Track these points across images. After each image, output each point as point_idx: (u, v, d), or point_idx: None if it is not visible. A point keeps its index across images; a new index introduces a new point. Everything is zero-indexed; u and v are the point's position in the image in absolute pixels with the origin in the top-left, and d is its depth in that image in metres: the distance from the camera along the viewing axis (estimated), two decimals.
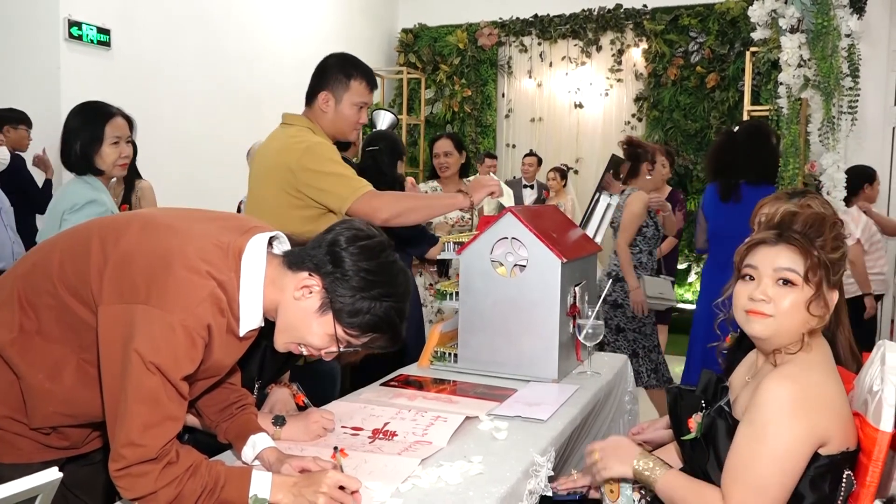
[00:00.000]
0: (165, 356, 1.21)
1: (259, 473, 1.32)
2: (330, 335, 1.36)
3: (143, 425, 1.21)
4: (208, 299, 1.25)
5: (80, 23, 4.93)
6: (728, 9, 6.98)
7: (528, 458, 1.58)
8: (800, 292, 1.34)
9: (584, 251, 2.34)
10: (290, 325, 1.37)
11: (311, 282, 1.34)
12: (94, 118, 2.49)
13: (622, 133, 7.72)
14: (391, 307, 1.36)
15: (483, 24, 8.09)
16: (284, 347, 1.42)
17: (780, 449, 1.28)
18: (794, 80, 3.51)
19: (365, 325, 1.35)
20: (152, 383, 1.21)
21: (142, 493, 1.23)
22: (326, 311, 1.34)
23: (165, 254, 1.27)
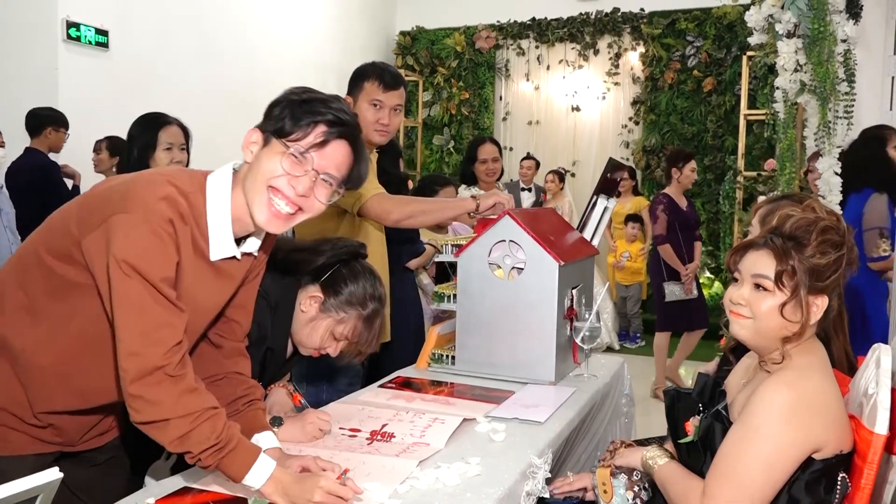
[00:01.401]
0: (137, 254, 1.22)
1: (266, 459, 1.31)
2: (280, 153, 1.34)
3: (137, 333, 1.22)
4: (166, 199, 1.27)
5: (79, 24, 4.93)
6: (725, 13, 7.00)
7: (526, 459, 1.58)
8: (773, 297, 1.36)
9: (581, 254, 2.35)
10: (253, 181, 1.35)
11: (253, 135, 1.37)
12: (149, 126, 2.66)
13: (619, 136, 7.75)
14: (306, 100, 1.38)
15: (481, 27, 8.11)
16: (265, 211, 1.34)
17: (768, 451, 1.28)
18: (791, 84, 3.54)
19: (293, 120, 1.35)
20: (134, 288, 1.23)
21: (153, 417, 1.23)
22: (269, 139, 1.35)
23: (129, 178, 1.34)
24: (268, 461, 1.31)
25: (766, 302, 1.37)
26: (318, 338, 1.71)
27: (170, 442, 1.25)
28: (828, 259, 1.36)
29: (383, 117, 2.33)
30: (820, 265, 1.36)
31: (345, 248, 1.78)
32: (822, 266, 1.36)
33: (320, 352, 1.74)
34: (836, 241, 1.38)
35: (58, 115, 4.61)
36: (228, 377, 1.53)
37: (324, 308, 1.70)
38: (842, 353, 1.53)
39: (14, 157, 4.58)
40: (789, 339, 1.36)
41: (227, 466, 1.28)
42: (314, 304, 1.70)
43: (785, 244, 1.37)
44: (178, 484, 1.42)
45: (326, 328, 1.70)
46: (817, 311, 1.37)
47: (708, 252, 7.36)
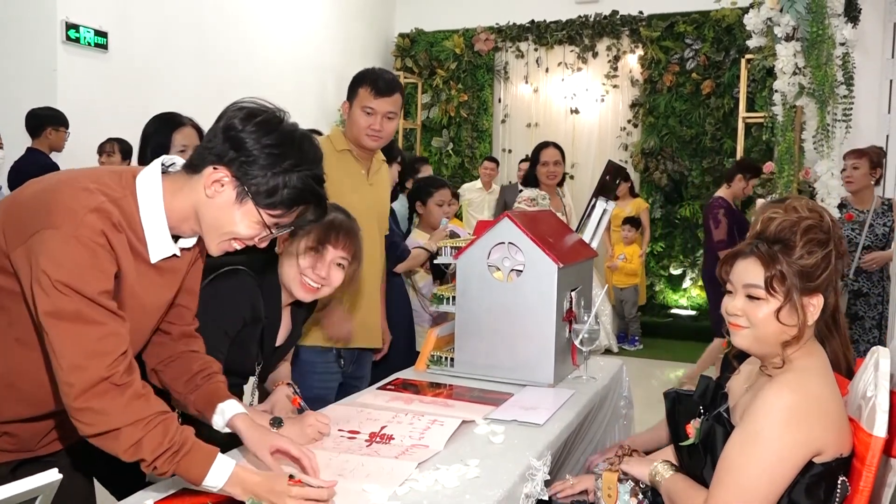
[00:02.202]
0: (69, 272, 1.17)
1: (224, 459, 1.28)
2: (257, 222, 1.30)
3: (79, 348, 1.18)
4: (96, 210, 1.22)
5: (78, 25, 4.93)
6: (723, 16, 7.01)
7: (525, 462, 1.58)
8: (766, 304, 1.36)
9: (580, 256, 2.35)
10: (215, 224, 1.31)
11: (219, 174, 1.27)
12: (163, 126, 2.63)
13: (617, 139, 7.76)
14: (307, 175, 1.29)
15: (480, 30, 8.12)
16: (219, 249, 1.35)
17: (770, 456, 1.28)
18: (789, 87, 3.54)
19: (287, 200, 1.29)
20: (71, 305, 1.18)
21: (104, 428, 1.19)
22: (245, 198, 1.27)
23: (54, 185, 1.26)
24: (226, 462, 1.28)
25: (760, 310, 1.37)
26: (294, 263, 1.74)
27: (124, 451, 1.21)
28: (815, 258, 1.36)
29: (374, 123, 2.37)
30: (809, 265, 1.35)
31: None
32: (811, 266, 1.35)
33: (307, 279, 1.74)
34: (822, 238, 1.37)
35: (57, 115, 4.62)
36: (182, 356, 1.50)
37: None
38: (839, 353, 1.53)
39: (14, 158, 4.58)
40: (789, 343, 1.36)
41: (184, 470, 1.25)
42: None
43: (771, 249, 1.37)
44: (178, 485, 1.42)
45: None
46: (814, 311, 1.37)
47: None
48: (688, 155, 7.34)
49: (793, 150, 3.61)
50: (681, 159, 7.34)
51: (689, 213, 7.33)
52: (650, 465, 1.53)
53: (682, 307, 7.48)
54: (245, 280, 1.67)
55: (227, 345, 1.64)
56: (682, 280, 7.54)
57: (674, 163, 7.35)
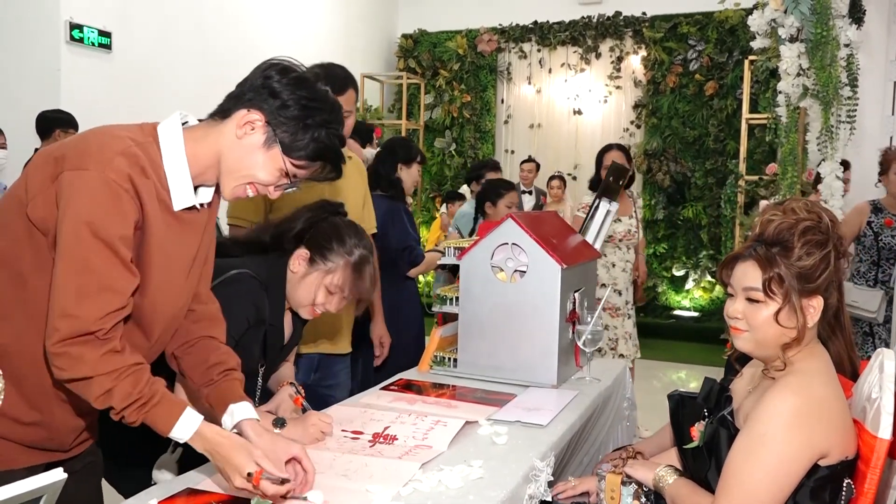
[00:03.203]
0: (93, 212, 1.20)
1: (192, 414, 1.29)
2: (279, 169, 1.34)
3: (77, 294, 1.20)
4: (124, 154, 1.24)
5: (81, 25, 4.94)
6: (727, 17, 7.01)
7: (528, 462, 1.58)
8: (766, 307, 1.36)
9: (583, 257, 2.35)
10: (236, 165, 1.34)
11: (253, 116, 1.32)
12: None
13: (620, 140, 7.75)
14: (332, 133, 1.36)
15: (483, 31, 8.12)
16: (233, 193, 1.38)
17: (775, 460, 1.28)
18: (793, 88, 3.53)
19: (312, 153, 1.34)
20: (84, 246, 1.20)
21: (77, 375, 1.21)
22: (273, 144, 1.32)
23: (83, 134, 1.31)
24: (194, 416, 1.29)
25: (760, 313, 1.37)
26: (309, 292, 1.72)
27: (95, 399, 1.24)
28: (814, 259, 1.35)
29: None
30: (807, 267, 1.35)
31: (322, 208, 1.81)
32: (809, 267, 1.35)
33: (317, 308, 1.75)
34: (820, 239, 1.36)
35: (66, 117, 4.62)
36: (201, 342, 1.50)
37: (312, 264, 1.72)
38: (843, 354, 1.52)
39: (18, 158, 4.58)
40: (789, 346, 1.36)
41: (153, 421, 1.27)
42: (302, 263, 1.73)
43: (769, 251, 1.36)
44: (181, 485, 1.42)
45: (317, 281, 1.72)
46: (814, 312, 1.37)
47: (709, 256, 7.36)
48: (691, 156, 7.33)
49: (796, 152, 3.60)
50: (684, 160, 7.34)
51: (691, 215, 7.32)
52: (654, 469, 1.53)
53: (684, 308, 7.47)
54: (250, 284, 1.66)
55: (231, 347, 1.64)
56: (685, 281, 7.53)
57: (676, 164, 7.35)
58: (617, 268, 3.92)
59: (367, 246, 1.76)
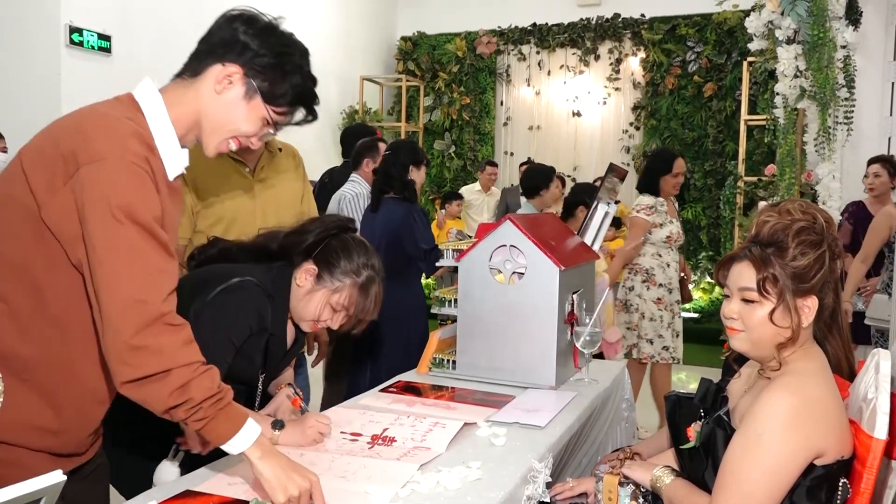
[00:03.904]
0: (126, 198, 1.17)
1: (253, 424, 1.28)
2: (262, 118, 1.36)
3: (137, 279, 1.16)
4: (134, 134, 1.23)
5: (81, 29, 4.95)
6: (725, 19, 7.02)
7: (527, 464, 1.59)
8: (761, 307, 1.37)
9: (582, 259, 2.35)
10: (220, 121, 1.35)
11: (231, 70, 1.32)
12: None
13: (619, 141, 7.77)
14: (307, 76, 1.39)
15: (482, 33, 8.13)
16: (217, 149, 1.39)
17: (772, 460, 1.28)
18: (791, 90, 3.55)
19: (291, 99, 1.37)
20: (128, 234, 1.17)
21: (155, 369, 1.16)
22: (253, 95, 1.34)
23: (72, 122, 1.26)
24: (252, 428, 1.27)
25: (755, 313, 1.38)
26: (314, 309, 1.71)
27: (169, 393, 1.18)
28: (808, 259, 1.36)
29: None
30: (801, 267, 1.36)
31: (333, 223, 1.80)
32: (803, 267, 1.36)
33: (319, 324, 1.75)
34: (814, 239, 1.37)
35: None
36: None
37: (318, 280, 1.71)
38: (840, 354, 1.53)
39: None
40: (784, 346, 1.37)
41: (219, 422, 1.23)
42: (309, 278, 1.72)
43: (763, 252, 1.38)
44: (181, 487, 1.43)
45: (322, 299, 1.71)
46: (809, 312, 1.38)
47: (709, 257, 7.37)
48: (690, 157, 7.34)
49: (794, 153, 3.62)
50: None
51: (690, 216, 7.33)
52: (651, 470, 1.53)
53: (683, 309, 7.47)
54: (255, 291, 1.66)
55: (232, 353, 1.65)
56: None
57: None
58: (671, 268, 3.95)
59: (375, 266, 1.75)
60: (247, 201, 2.22)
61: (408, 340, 3.08)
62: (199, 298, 1.65)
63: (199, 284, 1.69)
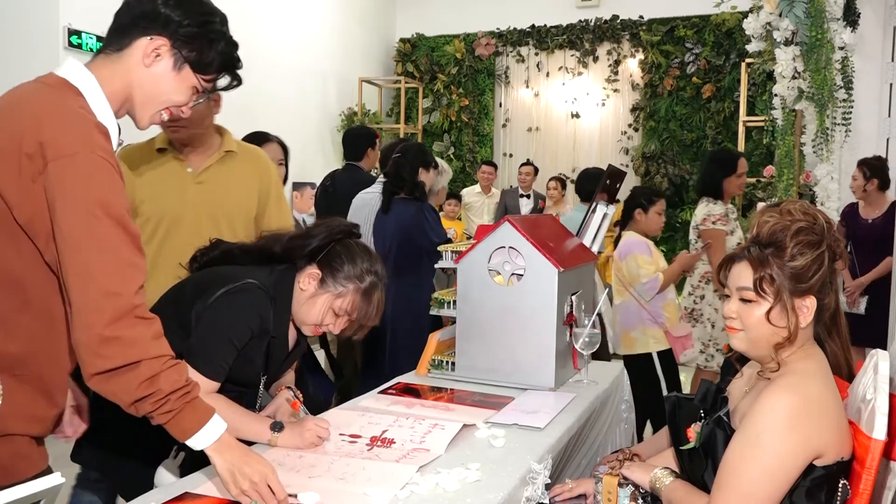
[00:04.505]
0: (99, 192, 1.20)
1: (217, 421, 1.30)
2: (192, 87, 1.40)
3: (112, 272, 1.19)
4: (96, 126, 1.26)
5: (80, 31, 4.95)
6: (724, 20, 7.03)
7: (526, 465, 1.59)
8: (758, 306, 1.38)
9: (580, 260, 2.36)
10: (152, 94, 1.37)
11: (157, 43, 1.34)
12: (251, 141, 2.78)
13: (618, 143, 7.77)
14: (230, 42, 1.44)
15: (480, 34, 8.14)
16: (150, 121, 1.41)
17: (771, 459, 1.28)
18: (789, 91, 3.56)
19: (218, 66, 1.41)
20: (101, 228, 1.19)
21: (126, 360, 1.18)
22: (182, 65, 1.37)
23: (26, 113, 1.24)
24: (217, 424, 1.29)
25: (752, 312, 1.39)
26: (317, 313, 1.72)
27: (138, 384, 1.19)
28: (806, 260, 1.37)
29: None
30: (799, 267, 1.36)
31: (339, 228, 1.80)
32: (801, 267, 1.36)
33: (321, 328, 1.75)
34: (813, 240, 1.38)
35: None
36: None
37: (322, 284, 1.72)
38: (839, 355, 1.53)
39: None
40: (782, 346, 1.38)
41: (185, 416, 1.25)
42: (312, 282, 1.72)
43: (762, 252, 1.39)
44: (180, 489, 1.43)
45: (325, 303, 1.71)
46: (807, 313, 1.38)
47: None
48: (689, 159, 7.35)
49: (792, 154, 3.62)
50: (682, 163, 7.35)
51: (689, 217, 7.33)
52: (651, 471, 1.53)
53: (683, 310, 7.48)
54: (257, 294, 1.66)
55: (233, 356, 1.65)
56: (683, 283, 7.53)
57: (675, 167, 7.36)
58: None
59: (378, 272, 1.76)
60: (175, 204, 2.13)
61: (420, 338, 3.09)
62: (201, 301, 1.65)
63: (201, 286, 1.69)
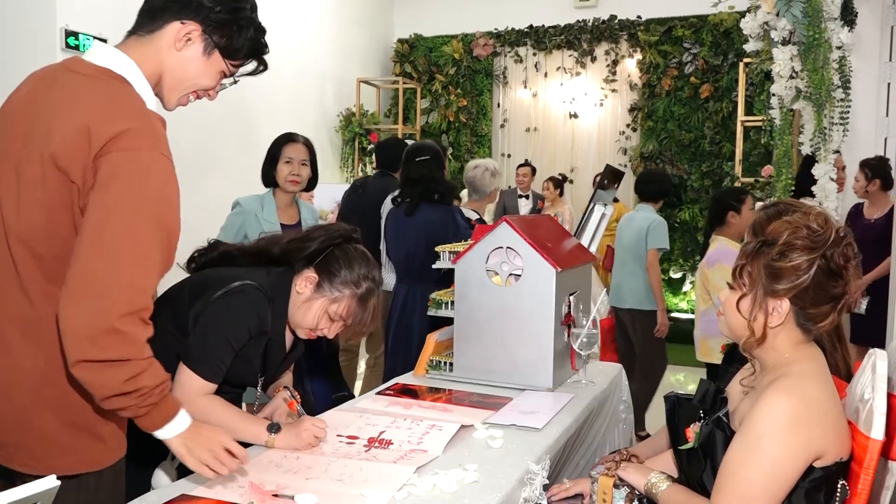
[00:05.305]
0: (158, 195, 1.25)
1: (184, 415, 1.33)
2: (220, 72, 1.43)
3: (143, 268, 1.23)
4: (160, 120, 1.33)
5: (77, 33, 4.94)
6: (721, 20, 7.03)
7: (524, 466, 1.58)
8: (735, 294, 1.43)
9: (578, 261, 2.35)
10: (182, 77, 1.41)
11: (189, 28, 1.37)
12: (278, 141, 2.98)
13: (616, 143, 7.77)
14: (259, 28, 1.46)
15: (478, 35, 8.14)
16: (177, 103, 1.45)
17: (772, 462, 1.28)
18: (787, 91, 3.55)
19: (247, 52, 1.44)
20: (149, 228, 1.24)
21: (120, 356, 1.20)
22: (212, 50, 1.40)
23: (112, 98, 1.30)
24: (182, 419, 1.33)
25: (730, 298, 1.43)
26: (312, 317, 1.72)
27: (124, 380, 1.21)
28: (788, 262, 1.34)
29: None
30: (778, 267, 1.35)
31: (337, 232, 1.80)
32: (780, 268, 1.35)
33: (315, 332, 1.75)
34: (806, 245, 1.34)
35: None
36: None
37: (318, 289, 1.72)
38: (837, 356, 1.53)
39: None
40: (751, 344, 1.38)
41: (160, 408, 1.28)
42: (309, 286, 1.72)
43: (756, 246, 1.40)
44: (176, 491, 1.42)
45: (321, 308, 1.71)
46: (777, 315, 1.36)
47: None
48: (687, 159, 7.35)
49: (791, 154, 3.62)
50: (680, 163, 7.35)
51: (688, 217, 7.33)
52: (647, 475, 1.52)
53: (681, 311, 7.47)
54: (255, 295, 1.66)
55: (231, 357, 1.65)
56: (682, 284, 7.53)
57: (673, 167, 7.36)
58: None
59: (375, 278, 1.76)
60: None
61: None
62: (200, 302, 1.65)
63: (200, 288, 1.69)
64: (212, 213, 3.69)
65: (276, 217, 2.94)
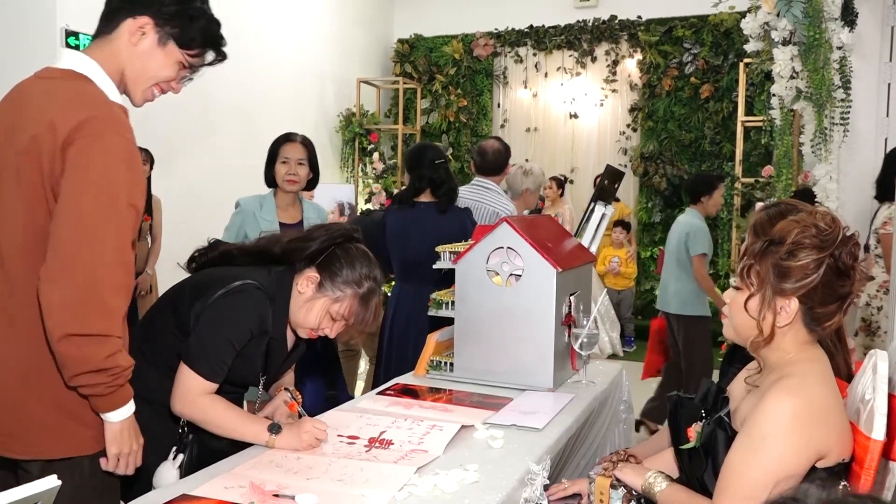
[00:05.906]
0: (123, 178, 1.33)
1: (132, 403, 1.41)
2: (178, 62, 1.49)
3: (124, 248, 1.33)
4: (120, 107, 1.41)
5: (77, 32, 4.94)
6: (722, 20, 7.03)
7: (524, 466, 1.58)
8: (742, 294, 1.41)
9: (579, 261, 2.35)
10: (141, 71, 1.46)
11: (142, 21, 1.44)
12: (277, 141, 2.99)
13: (617, 143, 7.78)
14: (211, 18, 1.50)
15: (478, 35, 8.14)
16: (143, 97, 1.51)
17: (774, 462, 1.28)
18: (787, 91, 3.56)
19: (201, 41, 1.49)
20: (117, 206, 1.32)
21: (100, 331, 1.28)
22: (166, 41, 1.46)
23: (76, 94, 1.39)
24: (130, 408, 1.42)
25: (737, 299, 1.41)
26: (314, 317, 1.72)
27: (104, 356, 1.29)
28: (797, 261, 1.34)
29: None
30: (787, 265, 1.35)
31: (339, 232, 1.80)
32: (789, 267, 1.34)
33: (317, 332, 1.75)
34: (815, 244, 1.34)
35: None
36: None
37: (320, 288, 1.72)
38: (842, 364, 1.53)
39: None
40: (758, 344, 1.38)
41: (121, 393, 1.36)
42: (311, 285, 1.72)
43: (764, 245, 1.39)
44: (178, 491, 1.42)
45: (322, 307, 1.71)
46: (786, 314, 1.36)
47: None
48: (687, 159, 7.35)
49: (791, 154, 3.62)
50: (680, 163, 7.35)
51: None
52: (644, 475, 1.52)
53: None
54: (256, 295, 1.66)
55: (232, 356, 1.64)
56: None
57: (673, 167, 7.36)
58: None
59: (376, 278, 1.76)
60: None
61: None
62: (200, 301, 1.65)
63: (200, 287, 1.69)
64: (213, 213, 3.69)
65: (274, 216, 2.94)
